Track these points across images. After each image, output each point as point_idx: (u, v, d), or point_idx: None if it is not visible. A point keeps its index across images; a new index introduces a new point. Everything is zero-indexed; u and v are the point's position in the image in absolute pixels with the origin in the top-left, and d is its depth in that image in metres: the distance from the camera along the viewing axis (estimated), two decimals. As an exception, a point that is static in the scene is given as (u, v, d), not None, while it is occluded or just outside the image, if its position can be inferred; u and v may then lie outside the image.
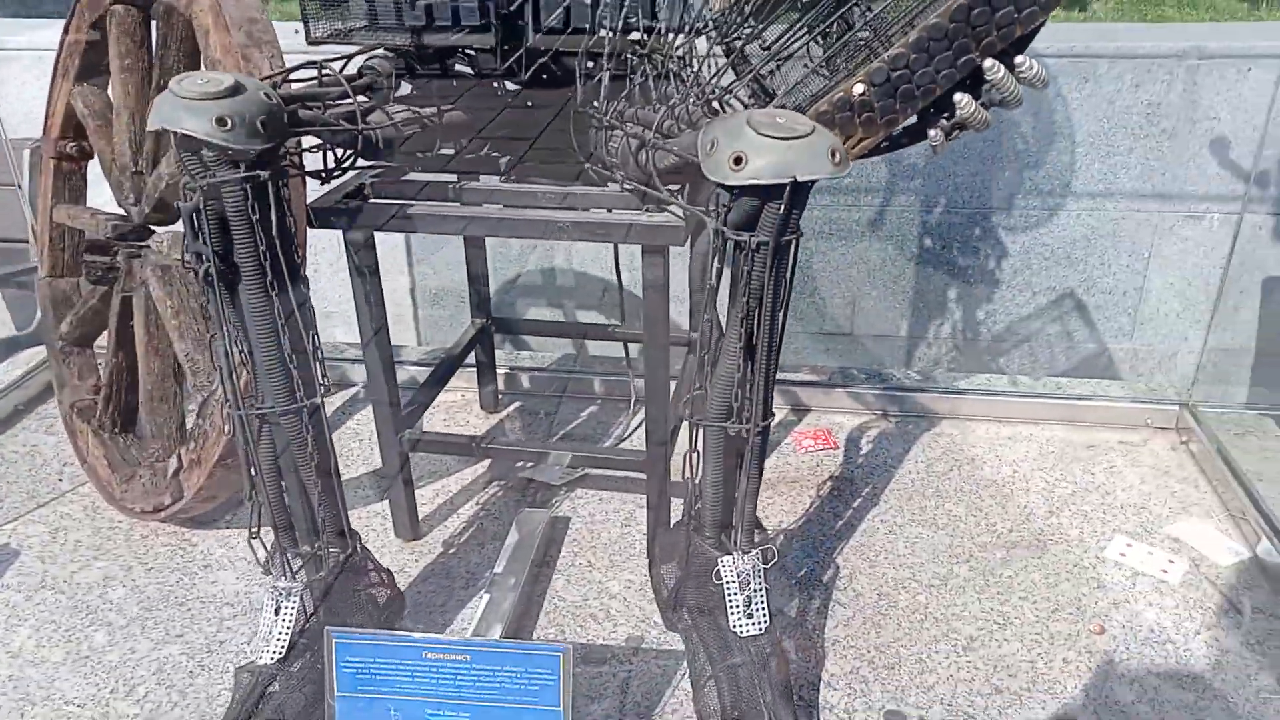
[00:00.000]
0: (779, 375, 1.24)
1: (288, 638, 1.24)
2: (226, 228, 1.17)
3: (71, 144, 1.88)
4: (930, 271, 2.42)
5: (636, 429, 1.99)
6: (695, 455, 1.26)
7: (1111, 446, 1.90)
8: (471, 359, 1.98)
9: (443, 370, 1.81)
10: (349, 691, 1.14)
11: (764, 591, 1.25)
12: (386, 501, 1.72)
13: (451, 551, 1.66)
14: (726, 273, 1.18)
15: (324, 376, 1.27)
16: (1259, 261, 2.28)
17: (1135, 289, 2.38)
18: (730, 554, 1.24)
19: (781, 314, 1.17)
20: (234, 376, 1.21)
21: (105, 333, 1.82)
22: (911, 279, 2.44)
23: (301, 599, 1.27)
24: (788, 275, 1.16)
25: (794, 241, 1.13)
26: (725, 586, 1.24)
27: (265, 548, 1.27)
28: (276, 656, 1.24)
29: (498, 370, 2.07)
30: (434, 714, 1.13)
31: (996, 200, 2.34)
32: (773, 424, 1.37)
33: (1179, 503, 1.73)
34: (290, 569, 1.27)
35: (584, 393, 2.13)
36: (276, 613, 1.26)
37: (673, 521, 1.55)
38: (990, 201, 2.34)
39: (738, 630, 1.23)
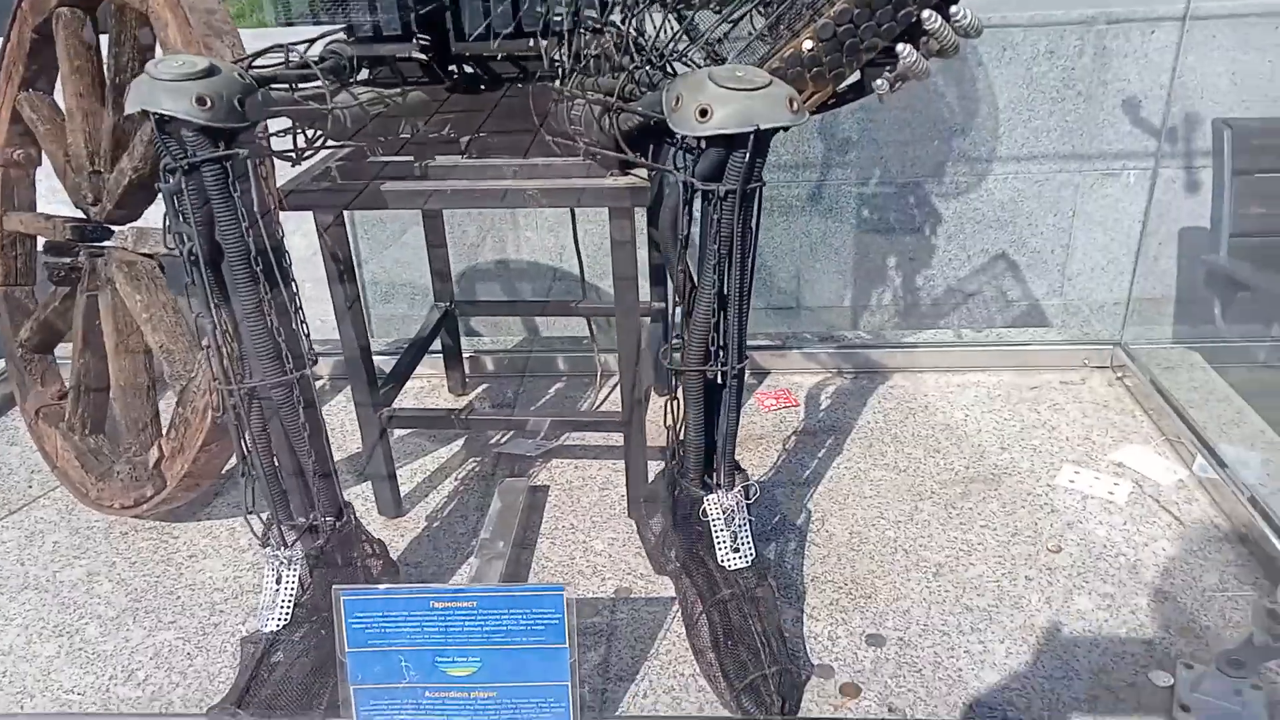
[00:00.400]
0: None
1: (290, 605, 1.27)
2: (208, 207, 1.20)
3: (19, 151, 1.88)
4: (870, 241, 2.53)
5: (604, 401, 2.05)
6: (676, 403, 1.33)
7: (1054, 387, 2.02)
8: (437, 344, 2.02)
9: (410, 355, 1.85)
10: (359, 647, 1.17)
11: (748, 525, 1.31)
12: (367, 483, 1.75)
13: (436, 525, 1.69)
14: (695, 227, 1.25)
15: (310, 348, 1.30)
16: (1174, 212, 2.43)
17: (1063, 246, 2.52)
18: (714, 492, 1.30)
19: (750, 260, 1.24)
20: (223, 354, 1.24)
21: (67, 337, 1.82)
22: (852, 249, 2.54)
23: (300, 568, 1.30)
24: (754, 222, 1.23)
25: (759, 190, 1.21)
26: (711, 524, 1.30)
27: (262, 523, 1.30)
28: (281, 623, 1.27)
29: (463, 354, 2.11)
30: (443, 661, 1.18)
31: (928, 169, 2.46)
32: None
33: (1119, 432, 1.85)
34: (287, 539, 1.30)
35: (549, 371, 2.18)
36: (278, 582, 1.29)
37: (650, 477, 1.61)
38: (922, 171, 2.46)
39: (726, 564, 1.30)
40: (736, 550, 1.30)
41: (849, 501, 1.69)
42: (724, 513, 1.29)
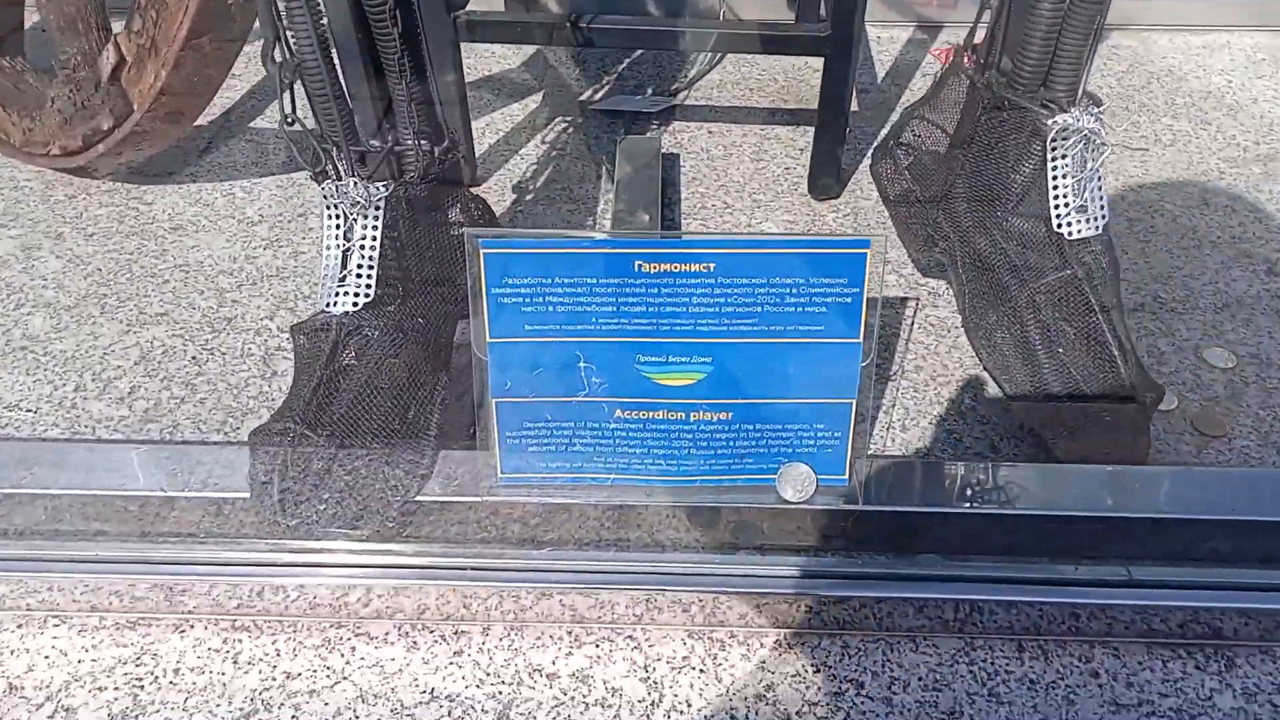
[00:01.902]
0: None
1: (371, 270, 0.78)
2: None
3: None
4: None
5: (718, 62, 1.50)
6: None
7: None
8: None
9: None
10: (508, 335, 0.70)
11: (1099, 176, 0.83)
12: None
13: (530, 197, 1.19)
14: None
15: None
16: None
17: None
18: (1059, 113, 0.80)
19: None
20: None
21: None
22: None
23: (381, 213, 0.79)
24: None
25: None
26: (1052, 164, 0.81)
27: (312, 142, 0.78)
28: (358, 300, 0.78)
29: None
30: (651, 362, 0.71)
31: None
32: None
33: None
34: (356, 168, 0.78)
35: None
36: (346, 236, 0.78)
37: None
38: None
39: (1065, 228, 0.83)
40: (1083, 209, 0.82)
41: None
42: (1072, 147, 0.80)
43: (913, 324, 1.00)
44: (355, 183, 0.77)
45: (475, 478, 0.75)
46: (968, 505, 0.73)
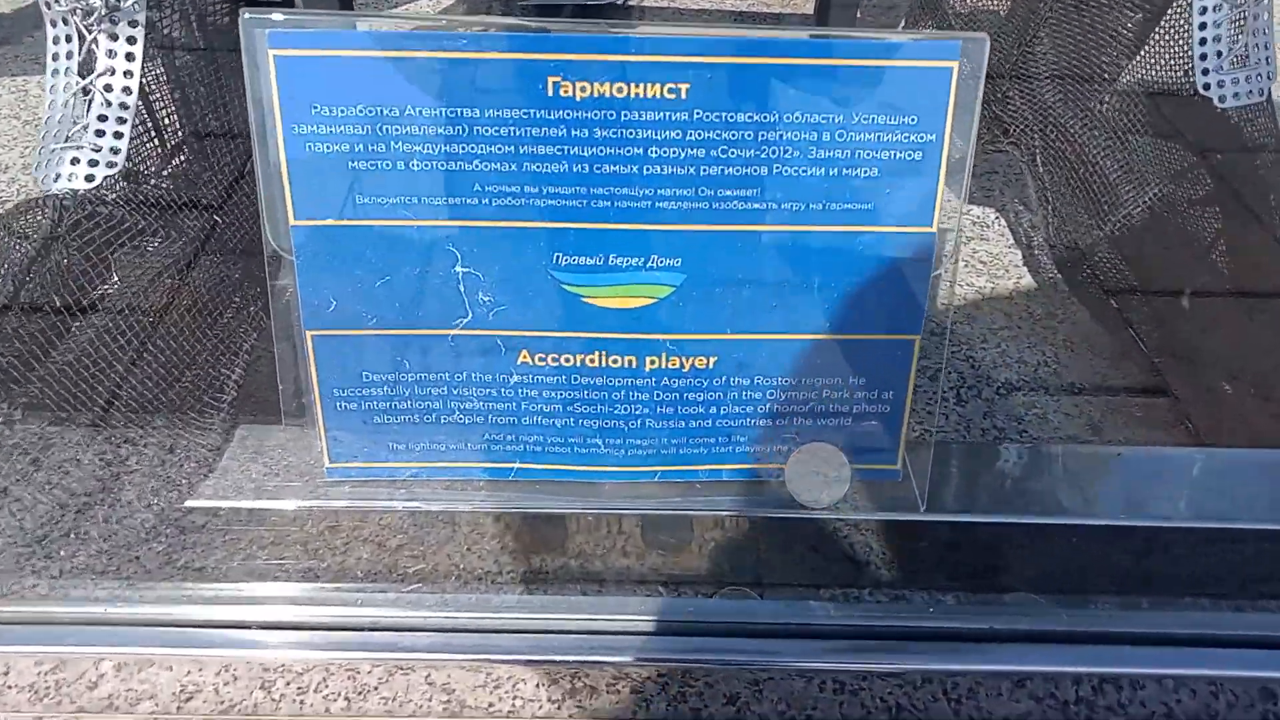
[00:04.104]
0: None
1: (124, 121, 0.48)
2: None
3: None
4: None
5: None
6: None
7: None
8: None
9: None
10: (323, 214, 0.40)
11: (1270, 12, 0.55)
12: None
13: None
14: None
15: None
16: None
17: None
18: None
19: None
20: None
21: None
22: None
23: (143, 35, 0.49)
24: None
25: None
26: (1203, -12, 0.54)
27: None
28: (102, 169, 0.47)
29: None
30: (578, 266, 0.42)
31: None
32: None
33: None
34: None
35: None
36: (83, 67, 0.48)
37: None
38: None
39: (1217, 90, 0.55)
40: (1244, 62, 0.54)
41: None
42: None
43: (955, 261, 0.72)
44: (91, -22, 0.46)
45: (288, 470, 0.45)
46: (1093, 513, 0.45)
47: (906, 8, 1.06)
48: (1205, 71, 0.54)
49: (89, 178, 0.46)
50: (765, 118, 0.39)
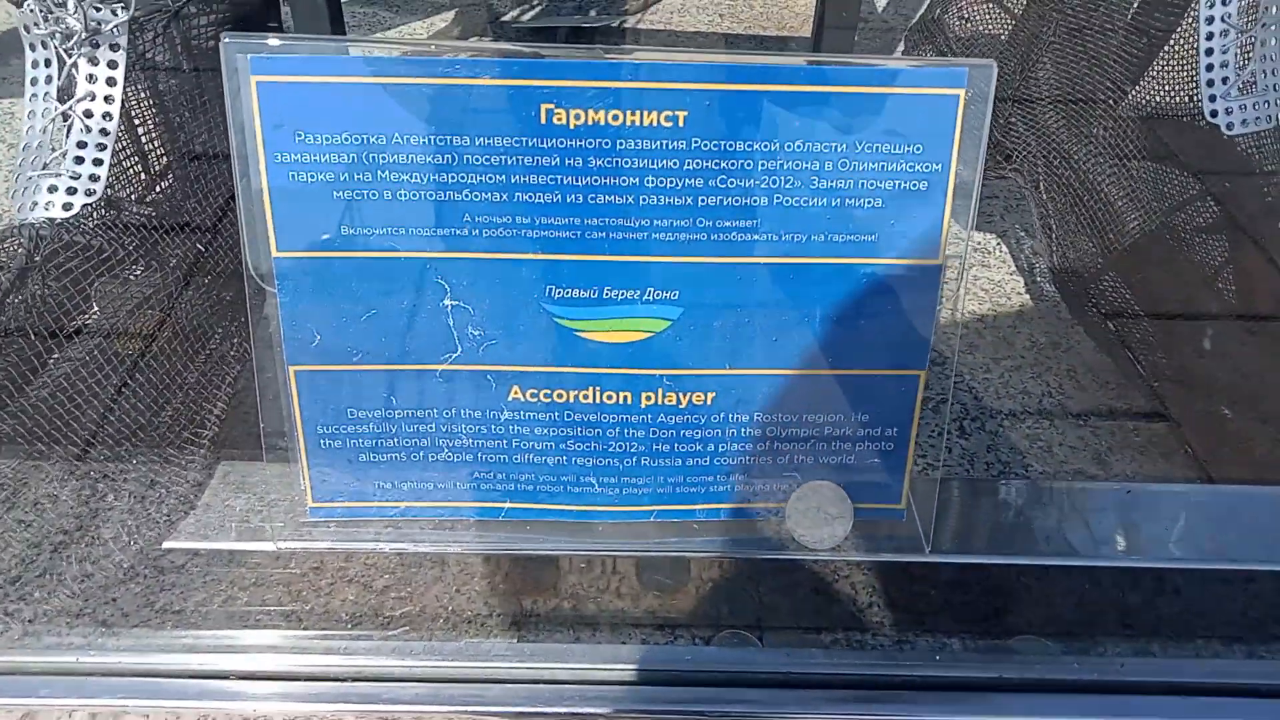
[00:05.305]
0: None
1: (104, 147, 0.46)
2: None
3: None
4: None
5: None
6: None
7: None
8: None
9: None
10: (306, 245, 0.39)
11: None
12: None
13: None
14: None
15: None
16: None
17: None
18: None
19: None
20: None
21: None
22: None
23: (118, 51, 0.47)
24: None
25: None
26: (1208, 6, 0.53)
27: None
28: (81, 198, 0.46)
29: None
30: (571, 299, 0.40)
31: None
32: None
33: None
34: (87, -10, 0.47)
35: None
36: (62, 92, 0.47)
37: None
38: None
39: (1224, 118, 0.54)
40: (1251, 87, 0.53)
41: None
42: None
43: (959, 291, 0.71)
44: (71, 9, 0.45)
45: (270, 508, 0.43)
46: (1100, 554, 0.43)
47: (905, 31, 1.05)
48: (1212, 98, 0.53)
49: (67, 206, 0.45)
50: (766, 146, 0.37)
